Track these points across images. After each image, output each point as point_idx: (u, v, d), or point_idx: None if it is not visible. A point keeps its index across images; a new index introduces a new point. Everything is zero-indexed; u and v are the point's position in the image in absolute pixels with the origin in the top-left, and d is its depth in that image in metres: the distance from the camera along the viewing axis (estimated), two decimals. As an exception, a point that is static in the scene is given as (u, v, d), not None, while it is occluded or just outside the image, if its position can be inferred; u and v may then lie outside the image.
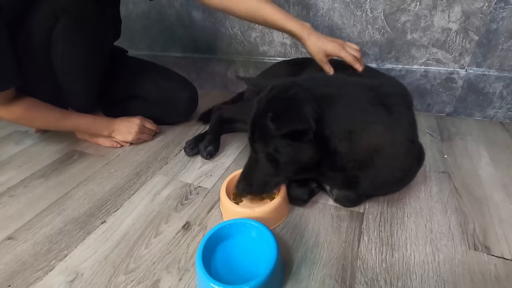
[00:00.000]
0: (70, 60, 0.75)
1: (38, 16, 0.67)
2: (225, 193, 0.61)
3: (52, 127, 0.88)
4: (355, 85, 0.55)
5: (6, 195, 0.74)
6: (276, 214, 0.59)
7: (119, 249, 0.57)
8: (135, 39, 1.32)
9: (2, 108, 0.74)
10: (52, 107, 0.81)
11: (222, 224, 0.53)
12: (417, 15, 0.84)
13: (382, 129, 0.52)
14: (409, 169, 0.57)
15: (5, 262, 0.56)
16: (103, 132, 0.90)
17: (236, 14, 0.79)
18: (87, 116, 0.88)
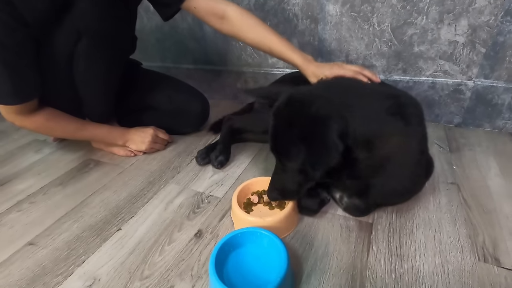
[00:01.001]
0: (90, 73, 0.79)
1: (62, 33, 0.71)
2: (236, 202, 0.63)
3: (70, 136, 0.92)
4: (373, 93, 0.57)
5: (27, 202, 0.78)
6: (286, 223, 0.61)
7: (134, 256, 0.59)
8: (149, 51, 1.37)
9: (25, 118, 0.78)
10: (71, 117, 0.85)
11: (234, 233, 0.54)
12: (423, 28, 0.86)
13: (398, 139, 0.53)
14: (417, 180, 0.59)
15: (27, 267, 0.59)
16: (118, 142, 0.93)
17: (244, 41, 0.84)
18: (103, 126, 0.92)
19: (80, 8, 0.70)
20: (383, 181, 0.56)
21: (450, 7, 0.81)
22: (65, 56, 0.74)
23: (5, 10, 0.63)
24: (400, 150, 0.53)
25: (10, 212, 0.75)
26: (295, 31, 1.02)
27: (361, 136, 0.49)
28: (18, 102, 0.72)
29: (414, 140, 0.55)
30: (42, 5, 0.67)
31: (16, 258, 0.61)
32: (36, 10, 0.67)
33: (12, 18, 0.64)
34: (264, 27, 0.80)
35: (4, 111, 0.76)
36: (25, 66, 0.71)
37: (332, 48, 1.00)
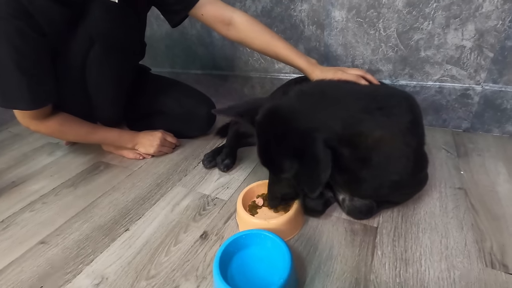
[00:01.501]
0: (102, 79, 0.82)
1: (76, 41, 0.74)
2: (241, 204, 0.64)
3: (82, 140, 0.95)
4: (349, 94, 0.58)
5: (40, 202, 0.80)
6: (290, 226, 0.61)
7: (141, 256, 0.61)
8: (158, 57, 1.40)
9: (40, 123, 0.81)
10: (83, 122, 0.88)
11: (239, 235, 0.55)
12: (430, 33, 0.86)
13: (379, 132, 0.53)
14: (405, 173, 0.57)
15: (38, 265, 0.61)
16: (127, 145, 0.95)
17: (250, 47, 0.86)
18: (113, 130, 0.94)
19: (94, 16, 0.73)
20: (370, 174, 0.56)
21: (456, 12, 0.81)
22: (78, 62, 0.77)
23: (24, 20, 0.66)
24: (378, 144, 0.53)
25: (24, 211, 0.77)
26: (301, 36, 1.04)
27: (340, 136, 0.50)
28: (34, 107, 0.75)
29: (394, 132, 0.55)
30: (59, 16, 0.70)
31: (28, 256, 0.64)
32: (53, 20, 0.70)
33: (30, 28, 0.67)
34: (270, 33, 0.82)
35: (20, 116, 0.79)
36: (42, 73, 0.74)
37: (338, 53, 1.01)
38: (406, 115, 0.58)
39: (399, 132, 0.56)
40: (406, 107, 0.59)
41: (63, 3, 0.70)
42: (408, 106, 0.60)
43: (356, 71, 0.73)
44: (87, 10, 0.73)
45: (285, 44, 0.80)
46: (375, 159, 0.55)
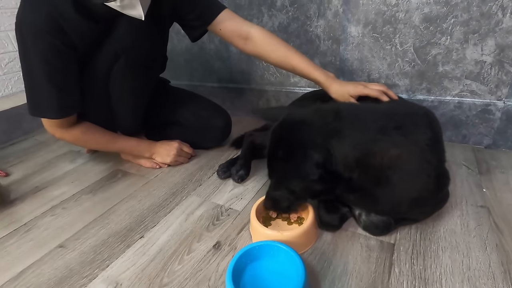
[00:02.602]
0: (124, 91, 0.86)
1: (102, 55, 0.78)
2: (255, 216, 0.64)
3: (102, 148, 0.98)
4: (366, 113, 0.57)
5: (60, 207, 0.83)
6: (304, 239, 0.60)
7: (154, 263, 0.61)
8: (178, 70, 1.45)
9: (65, 131, 0.85)
10: (104, 131, 0.91)
11: (252, 246, 0.55)
12: (448, 48, 0.86)
13: (395, 151, 0.53)
14: (426, 190, 0.56)
15: (56, 268, 0.63)
16: (145, 154, 0.98)
17: (267, 60, 0.88)
18: (132, 139, 0.97)
19: (120, 32, 0.78)
20: (387, 191, 0.55)
21: (475, 27, 0.80)
22: (103, 75, 0.81)
23: (59, 37, 0.71)
24: (395, 163, 0.53)
25: (45, 216, 0.80)
26: (317, 51, 1.05)
27: (352, 159, 0.52)
28: (61, 116, 0.79)
29: (411, 150, 0.54)
30: (89, 31, 0.75)
31: (47, 259, 0.65)
32: (84, 35, 0.74)
33: (63, 44, 0.72)
34: (286, 47, 0.84)
35: (47, 124, 0.83)
36: (70, 85, 0.78)
37: (354, 67, 1.01)
38: (425, 132, 0.57)
39: (418, 150, 0.55)
40: (425, 125, 0.58)
41: (93, 19, 0.74)
42: (427, 123, 0.59)
43: (378, 87, 0.73)
44: (114, 26, 0.77)
45: (302, 57, 0.82)
46: (392, 178, 0.54)
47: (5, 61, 1.30)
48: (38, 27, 0.69)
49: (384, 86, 0.74)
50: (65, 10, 0.70)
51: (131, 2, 0.66)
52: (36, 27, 0.69)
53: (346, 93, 0.75)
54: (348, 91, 0.75)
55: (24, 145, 1.29)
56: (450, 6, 0.81)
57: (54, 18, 0.70)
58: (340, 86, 0.77)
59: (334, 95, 0.77)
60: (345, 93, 0.75)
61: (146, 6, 0.70)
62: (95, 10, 0.72)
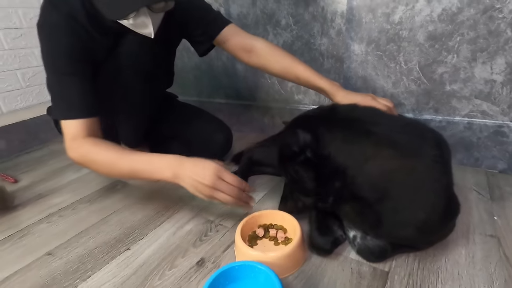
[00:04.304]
0: (126, 103, 0.88)
1: (107, 66, 0.81)
2: (239, 234, 0.61)
3: (113, 165, 0.71)
4: (362, 113, 0.60)
5: (57, 215, 0.84)
6: (289, 261, 0.57)
7: (135, 277, 0.60)
8: (187, 87, 1.49)
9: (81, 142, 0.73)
10: (116, 145, 0.75)
11: (231, 265, 0.52)
12: (455, 66, 0.82)
13: (397, 161, 0.51)
14: (434, 212, 0.51)
15: (40, 275, 0.63)
16: (165, 173, 0.66)
17: (271, 72, 0.88)
18: (142, 153, 0.72)
19: (126, 47, 0.81)
20: (391, 206, 0.52)
21: (483, 45, 0.77)
22: (107, 86, 0.84)
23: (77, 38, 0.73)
24: (396, 174, 0.52)
25: (41, 222, 0.81)
26: (320, 69, 1.05)
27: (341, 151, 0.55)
28: (84, 116, 0.74)
29: (414, 163, 0.52)
30: (98, 42, 0.77)
31: (34, 266, 0.66)
32: (98, 50, 0.77)
33: (83, 56, 0.74)
34: (290, 57, 0.84)
35: (69, 131, 0.74)
36: (89, 91, 0.76)
37: (358, 86, 1.00)
38: (432, 148, 0.54)
39: (423, 164, 0.52)
40: (432, 140, 0.55)
41: (103, 31, 0.77)
42: (434, 139, 0.56)
43: (386, 102, 0.72)
44: (121, 40, 0.80)
45: (305, 67, 0.81)
46: (391, 191, 0.51)
47: (29, 75, 1.39)
48: (61, 25, 0.70)
49: (392, 103, 0.72)
50: (79, 17, 0.72)
51: (143, 21, 0.69)
52: (59, 25, 0.70)
53: (353, 103, 0.73)
54: (355, 101, 0.73)
55: (37, 154, 1.35)
56: (456, 24, 0.78)
57: (73, 19, 0.71)
58: (347, 95, 0.75)
59: (341, 102, 0.75)
60: (351, 102, 0.73)
61: (156, 25, 0.72)
62: (105, 24, 0.75)
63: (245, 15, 1.13)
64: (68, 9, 0.71)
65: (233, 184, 0.63)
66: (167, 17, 0.76)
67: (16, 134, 1.37)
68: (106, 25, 0.75)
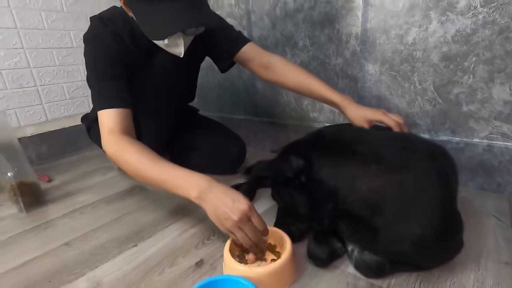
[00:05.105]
0: (156, 111, 0.95)
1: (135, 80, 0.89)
2: (228, 247, 0.59)
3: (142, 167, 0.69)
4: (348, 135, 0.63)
5: (78, 212, 0.92)
6: (275, 279, 0.54)
7: (137, 272, 0.63)
8: (210, 103, 1.58)
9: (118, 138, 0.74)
10: (151, 151, 0.73)
11: (213, 279, 0.51)
12: (471, 87, 0.80)
13: (385, 177, 0.52)
14: (430, 226, 0.49)
15: (54, 262, 0.68)
16: (191, 192, 0.62)
17: (287, 86, 0.92)
18: (174, 165, 0.68)
19: (160, 63, 0.89)
20: (387, 221, 0.51)
21: (500, 66, 0.75)
22: (138, 96, 0.90)
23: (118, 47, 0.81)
24: (388, 189, 0.52)
25: (64, 217, 0.89)
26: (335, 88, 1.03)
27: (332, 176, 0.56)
28: (120, 105, 0.77)
29: (411, 177, 0.52)
30: (134, 55, 0.86)
31: (51, 254, 0.71)
32: (132, 61, 0.85)
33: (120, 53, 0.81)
34: (304, 72, 0.88)
35: (106, 124, 0.76)
36: (126, 90, 0.82)
37: (372, 105, 1.00)
38: (422, 161, 0.53)
39: (412, 177, 0.51)
40: (424, 154, 0.55)
41: (141, 50, 0.85)
42: (428, 152, 0.56)
43: (396, 118, 0.72)
44: (156, 57, 0.88)
45: (319, 82, 0.85)
46: (385, 206, 0.51)
47: (73, 88, 1.57)
48: (107, 37, 0.80)
49: (403, 119, 0.73)
50: (122, 34, 0.82)
51: (175, 42, 0.77)
52: (104, 37, 0.80)
53: (364, 117, 0.75)
54: (366, 115, 0.74)
55: (73, 158, 1.48)
56: (471, 45, 0.78)
57: (117, 35, 0.81)
58: (358, 109, 0.77)
59: (351, 117, 0.78)
60: (362, 116, 0.75)
61: (186, 46, 0.80)
62: (142, 42, 0.82)
63: (266, 37, 1.20)
64: (114, 27, 0.81)
65: (258, 227, 0.58)
66: (194, 38, 0.84)
67: (57, 140, 1.53)
68: (142, 43, 0.84)
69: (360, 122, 0.76)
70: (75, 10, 1.49)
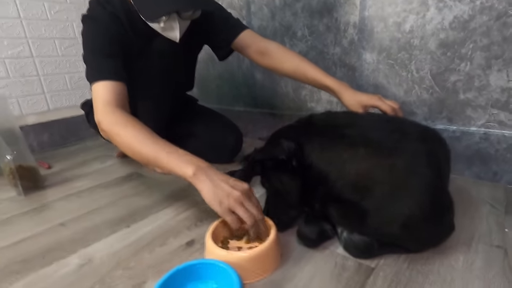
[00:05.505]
0: (153, 96, 0.96)
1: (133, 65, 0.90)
2: (210, 232, 0.57)
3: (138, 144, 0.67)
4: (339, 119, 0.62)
5: (75, 195, 0.93)
6: (256, 264, 0.52)
7: (128, 250, 0.64)
8: (209, 94, 1.58)
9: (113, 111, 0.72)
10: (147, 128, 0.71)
11: (191, 263, 0.50)
12: (468, 74, 0.80)
13: (374, 160, 0.51)
14: (418, 207, 0.49)
15: (49, 240, 0.69)
16: (187, 169, 0.60)
17: (283, 72, 0.92)
18: (169, 143, 0.68)
19: (157, 47, 0.89)
20: (375, 202, 0.51)
21: (497, 52, 0.74)
22: (135, 81, 0.91)
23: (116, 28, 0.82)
24: (376, 172, 0.51)
25: (61, 200, 0.90)
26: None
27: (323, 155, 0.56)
28: (114, 78, 0.76)
29: (399, 159, 0.51)
30: (132, 41, 0.86)
31: (46, 233, 0.73)
32: (128, 42, 0.85)
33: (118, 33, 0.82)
34: (300, 58, 0.88)
35: (100, 96, 0.74)
36: (121, 67, 0.81)
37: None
38: (413, 142, 0.53)
39: (402, 159, 0.51)
40: (415, 136, 0.55)
41: (138, 35, 0.86)
42: (418, 134, 0.56)
43: (392, 103, 0.73)
44: (153, 42, 0.89)
45: (314, 67, 0.85)
46: (374, 189, 0.51)
47: (75, 79, 1.58)
48: (105, 18, 0.80)
49: (398, 104, 0.74)
50: (120, 16, 0.82)
51: (171, 25, 0.78)
52: (103, 18, 0.80)
53: (359, 102, 0.76)
54: (361, 101, 0.75)
55: (73, 148, 1.50)
56: (468, 31, 0.77)
57: (115, 17, 0.81)
58: (353, 94, 0.77)
59: (347, 102, 0.78)
60: (358, 101, 0.76)
61: (183, 30, 0.81)
62: (139, 26, 0.83)
63: (265, 27, 1.20)
64: (112, 8, 0.82)
65: (257, 207, 0.56)
66: (192, 24, 0.85)
67: (58, 130, 1.54)
68: (140, 27, 0.84)
69: (356, 107, 0.76)
70: (78, 2, 1.50)
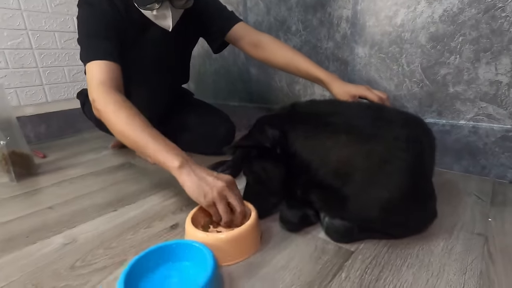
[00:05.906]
0: (147, 86, 0.96)
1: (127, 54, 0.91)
2: (191, 216, 0.58)
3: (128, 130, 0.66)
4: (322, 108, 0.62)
5: (67, 182, 0.94)
6: (233, 246, 0.52)
7: (112, 231, 0.64)
8: (206, 90, 1.59)
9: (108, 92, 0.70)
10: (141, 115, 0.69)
11: (164, 244, 0.50)
12: (458, 68, 0.80)
13: (355, 147, 0.51)
14: (398, 190, 0.49)
15: (35, 222, 0.70)
16: (173, 160, 0.60)
17: (274, 64, 0.93)
18: (160, 134, 0.67)
19: (151, 36, 0.90)
20: (354, 187, 0.51)
21: (486, 45, 0.75)
22: (129, 72, 0.92)
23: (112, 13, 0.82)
24: (357, 157, 0.52)
25: (53, 186, 0.91)
26: (326, 72, 1.07)
27: (306, 143, 0.56)
28: (109, 58, 0.75)
29: (373, 146, 0.51)
30: (127, 28, 0.86)
31: (34, 215, 0.73)
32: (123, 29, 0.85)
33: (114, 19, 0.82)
34: (292, 50, 0.89)
35: (95, 75, 0.73)
36: (116, 50, 0.80)
37: (361, 88, 1.00)
38: (394, 128, 0.53)
39: (383, 145, 0.51)
40: (398, 122, 0.55)
41: (133, 24, 0.87)
42: (401, 121, 0.56)
43: (380, 93, 0.75)
44: (147, 31, 0.90)
45: (306, 59, 0.86)
46: (355, 174, 0.51)
47: (74, 72, 1.60)
48: (102, 3, 0.81)
49: (386, 94, 0.75)
50: (117, 3, 0.82)
51: (163, 13, 0.79)
52: (100, 2, 0.81)
53: (347, 92, 0.77)
54: (350, 91, 0.77)
55: (71, 140, 1.51)
56: (457, 25, 0.78)
57: (112, 2, 0.82)
58: (342, 85, 0.79)
59: (336, 93, 0.80)
60: (346, 91, 0.77)
61: (175, 20, 0.82)
62: (134, 16, 0.84)
63: (260, 22, 1.21)
64: None
65: (239, 199, 0.57)
66: (185, 15, 0.86)
67: (56, 121, 1.56)
68: (134, 17, 0.85)
69: (344, 97, 0.77)
70: (78, -5, 1.52)
